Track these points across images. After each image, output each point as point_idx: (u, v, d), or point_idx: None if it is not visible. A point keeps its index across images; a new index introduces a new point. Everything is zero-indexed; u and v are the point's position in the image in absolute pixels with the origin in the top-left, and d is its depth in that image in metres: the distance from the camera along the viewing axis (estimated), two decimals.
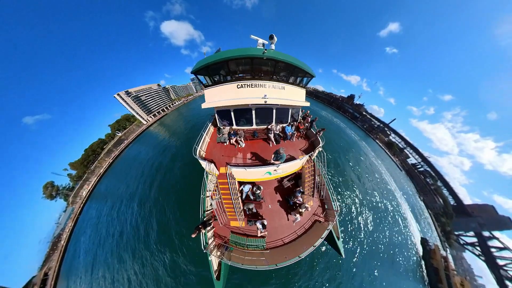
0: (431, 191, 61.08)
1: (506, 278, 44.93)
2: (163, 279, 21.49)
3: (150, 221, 28.71)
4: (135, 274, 23.33)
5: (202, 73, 11.85)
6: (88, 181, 63.85)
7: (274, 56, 10.48)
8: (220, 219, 10.81)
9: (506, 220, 51.45)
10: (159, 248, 24.37)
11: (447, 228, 50.50)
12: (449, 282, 33.58)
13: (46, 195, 70.69)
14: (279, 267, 9.54)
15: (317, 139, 12.43)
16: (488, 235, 50.79)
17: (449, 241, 48.84)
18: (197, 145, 11.21)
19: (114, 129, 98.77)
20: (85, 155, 78.64)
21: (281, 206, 12.26)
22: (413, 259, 32.93)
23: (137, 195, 36.50)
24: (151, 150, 55.99)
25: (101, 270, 26.48)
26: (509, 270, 45.59)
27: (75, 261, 31.82)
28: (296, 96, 13.32)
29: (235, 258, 9.85)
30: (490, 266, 47.05)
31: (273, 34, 11.00)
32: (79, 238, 36.55)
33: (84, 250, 32.34)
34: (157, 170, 41.93)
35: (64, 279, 31.21)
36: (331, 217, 11.38)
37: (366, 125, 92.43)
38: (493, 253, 48.74)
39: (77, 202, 53.76)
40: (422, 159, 73.20)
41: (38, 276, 35.52)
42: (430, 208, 54.11)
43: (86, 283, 26.52)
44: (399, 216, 39.39)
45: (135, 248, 26.08)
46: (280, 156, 9.89)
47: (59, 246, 38.91)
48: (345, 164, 45.29)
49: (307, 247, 10.05)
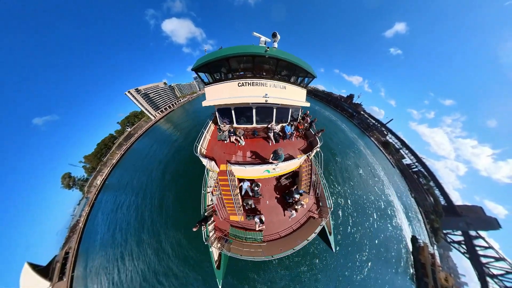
0: (423, 190, 62.79)
1: (487, 275, 47.14)
2: (173, 259, 24.27)
3: (156, 208, 32.14)
4: (144, 251, 26.99)
5: (203, 70, 11.73)
6: (101, 172, 69.48)
7: (277, 55, 10.36)
8: (220, 213, 11.43)
9: (492, 221, 53.00)
10: (166, 232, 27.54)
11: (435, 225, 52.59)
12: (434, 277, 35.91)
13: (64, 185, 77.26)
14: (275, 258, 10.08)
15: (315, 140, 12.61)
16: (475, 234, 52.61)
17: (436, 237, 50.99)
18: (198, 143, 11.34)
19: (124, 125, 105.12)
20: (98, 149, 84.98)
21: (278, 202, 12.72)
22: (403, 255, 34.98)
23: (145, 185, 39.98)
24: (158, 144, 60.28)
25: (113, 249, 30.36)
26: (491, 267, 47.66)
27: (91, 242, 36.25)
28: (297, 96, 13.29)
29: (234, 249, 10.37)
30: (474, 263, 49.18)
31: (276, 31, 10.45)
32: (94, 223, 41.36)
33: (98, 232, 36.73)
34: (160, 162, 45.48)
35: (83, 257, 35.63)
36: (324, 214, 11.91)
37: (362, 124, 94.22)
38: (478, 251, 50.74)
39: (91, 191, 59.12)
40: (417, 160, 74.43)
41: (60, 255, 39.97)
42: (421, 206, 56.08)
43: (101, 259, 30.50)
44: (392, 213, 41.30)
45: (141, 231, 29.86)
46: (278, 156, 10.17)
47: (77, 229, 44.29)
48: (341, 161, 47.03)
49: (301, 241, 10.61)
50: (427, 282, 34.55)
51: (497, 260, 47.22)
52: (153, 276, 24.10)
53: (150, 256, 26.04)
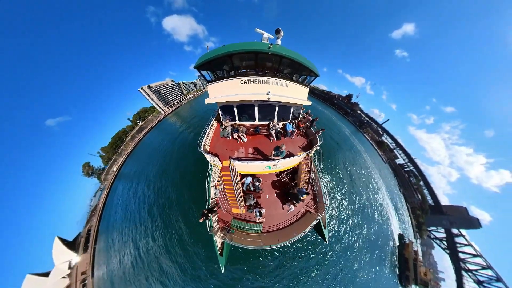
0: (412, 188, 65.59)
1: (463, 270, 50.53)
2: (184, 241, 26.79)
3: (166, 194, 35.72)
4: (155, 231, 30.45)
5: (205, 68, 11.71)
6: (116, 162, 76.58)
7: (280, 52, 10.25)
8: (223, 206, 12.06)
9: (474, 221, 55.49)
10: (174, 214, 30.91)
11: (420, 220, 55.76)
12: (415, 271, 38.77)
13: (84, 173, 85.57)
14: (273, 247, 10.87)
15: (315, 138, 12.91)
16: (457, 232, 55.39)
17: (420, 232, 54.25)
18: (201, 139, 11.52)
19: (135, 120, 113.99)
20: (113, 141, 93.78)
21: (278, 197, 13.29)
22: (390, 249, 37.48)
23: (156, 173, 44.19)
24: (166, 136, 64.66)
25: (128, 227, 34.49)
26: (468, 263, 50.99)
27: (109, 222, 41.23)
28: (299, 95, 13.30)
29: (236, 239, 11.06)
30: (452, 259, 52.45)
31: (279, 28, 10.28)
32: (111, 205, 46.86)
33: (114, 214, 41.65)
34: (167, 153, 50.53)
35: (102, 234, 40.66)
36: (321, 209, 12.47)
37: (357, 121, 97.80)
38: (458, 248, 53.75)
39: (108, 179, 66.17)
40: (409, 160, 76.47)
41: (84, 231, 45.69)
42: (409, 202, 59.21)
43: (118, 235, 34.70)
44: (382, 211, 43.20)
45: (153, 214, 33.43)
46: (280, 152, 10.49)
47: (97, 210, 49.83)
48: (336, 156, 49.17)
49: (297, 233, 11.30)
50: (408, 276, 37.43)
51: (474, 256, 50.22)
52: (163, 248, 27.42)
53: (160, 234, 29.55)
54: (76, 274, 36.69)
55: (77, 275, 36.45)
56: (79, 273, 36.59)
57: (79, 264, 38.23)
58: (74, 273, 37.04)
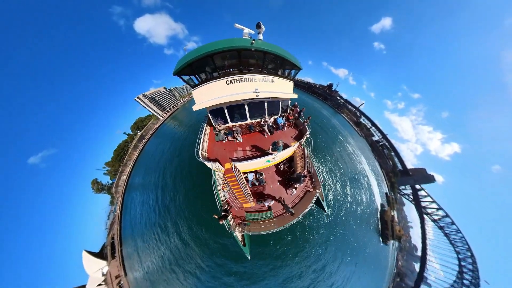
0: (386, 157, 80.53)
1: (424, 213, 66.28)
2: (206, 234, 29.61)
3: (176, 196, 37.90)
4: (174, 234, 32.57)
5: (186, 73, 11.08)
6: (124, 172, 77.45)
7: (264, 48, 10.07)
8: (235, 205, 12.75)
9: (430, 177, 71.78)
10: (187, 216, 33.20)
11: (392, 180, 70.31)
12: (392, 229, 51.03)
13: (95, 190, 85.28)
14: (286, 227, 12.02)
15: (304, 128, 13.67)
16: (419, 187, 71.06)
17: (393, 190, 68.67)
18: (198, 148, 11.37)
19: (134, 130, 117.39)
20: (116, 154, 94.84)
21: (280, 184, 14.36)
22: (374, 215, 47.24)
23: (164, 178, 45.20)
24: (168, 142, 65.77)
25: (148, 231, 36.00)
26: (427, 208, 66.77)
27: (129, 229, 42.52)
28: (285, 89, 13.72)
29: (253, 229, 11.99)
30: (417, 207, 68.03)
31: (260, 22, 10.12)
32: (126, 216, 47.26)
33: (133, 219, 42.96)
34: (170, 159, 51.66)
35: (126, 240, 42.23)
36: (317, 186, 13.71)
37: (335, 105, 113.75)
38: (420, 198, 69.46)
39: (119, 191, 65.56)
40: (383, 136, 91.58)
41: (108, 240, 46.67)
42: (383, 168, 73.86)
43: (140, 241, 36.51)
44: (365, 178, 54.48)
45: (166, 220, 35.40)
46: (277, 147, 11.20)
47: (115, 220, 50.20)
48: (321, 138, 58.84)
49: (302, 210, 12.50)
50: (387, 233, 48.35)
51: (438, 210, 65.42)
52: (184, 248, 29.66)
53: (185, 230, 31.68)
54: (111, 278, 38.71)
55: (112, 279, 38.45)
56: (113, 277, 38.52)
57: (110, 269, 39.91)
58: (109, 278, 39.02)
